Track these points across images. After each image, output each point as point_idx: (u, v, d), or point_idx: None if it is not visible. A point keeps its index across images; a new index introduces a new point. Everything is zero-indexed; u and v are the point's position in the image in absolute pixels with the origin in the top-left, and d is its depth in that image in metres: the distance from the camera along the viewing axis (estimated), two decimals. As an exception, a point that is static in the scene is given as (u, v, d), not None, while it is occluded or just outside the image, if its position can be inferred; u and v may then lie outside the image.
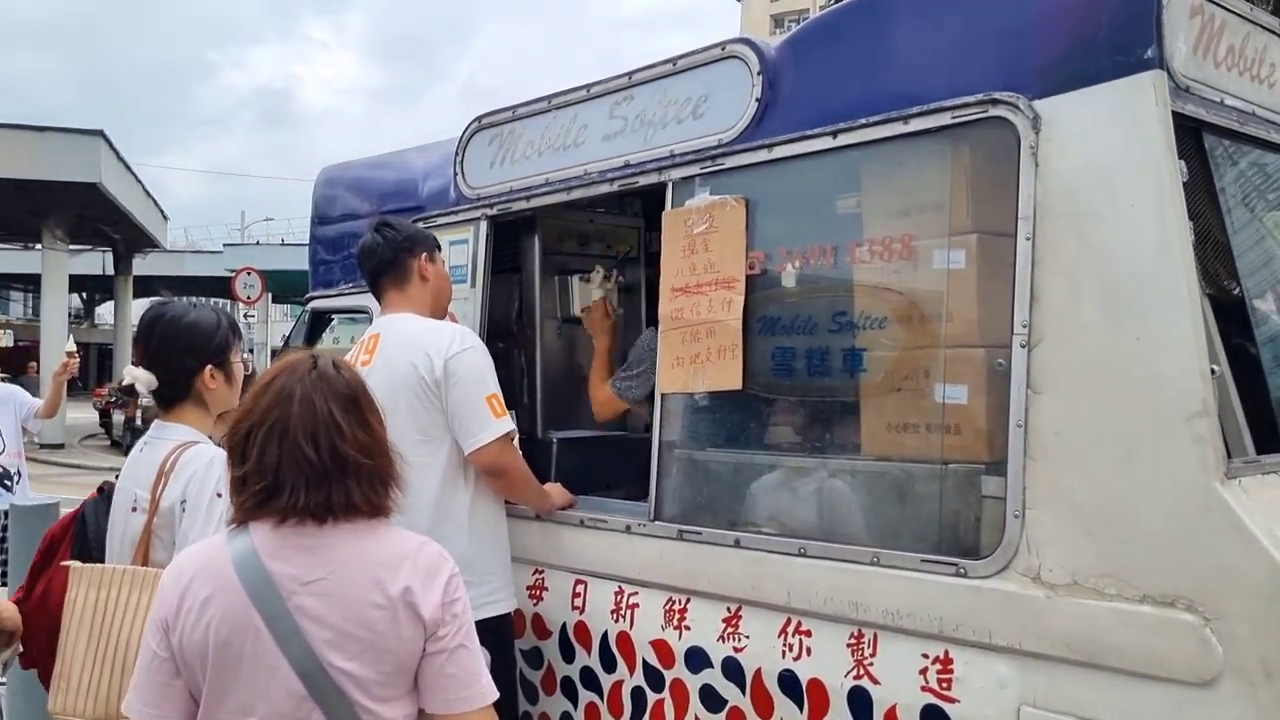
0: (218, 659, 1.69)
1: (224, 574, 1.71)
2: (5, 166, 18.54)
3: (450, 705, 1.77)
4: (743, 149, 2.78)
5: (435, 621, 1.75)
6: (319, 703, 1.68)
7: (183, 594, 1.73)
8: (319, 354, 1.85)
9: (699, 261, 2.85)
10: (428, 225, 3.81)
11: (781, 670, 2.56)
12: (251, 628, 1.68)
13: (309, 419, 1.73)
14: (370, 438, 1.77)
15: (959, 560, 2.26)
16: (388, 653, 1.72)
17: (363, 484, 1.74)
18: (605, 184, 3.17)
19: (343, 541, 1.75)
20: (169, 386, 2.52)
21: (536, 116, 3.42)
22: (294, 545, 1.73)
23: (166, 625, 1.74)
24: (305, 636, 1.68)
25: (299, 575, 1.71)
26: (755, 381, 2.72)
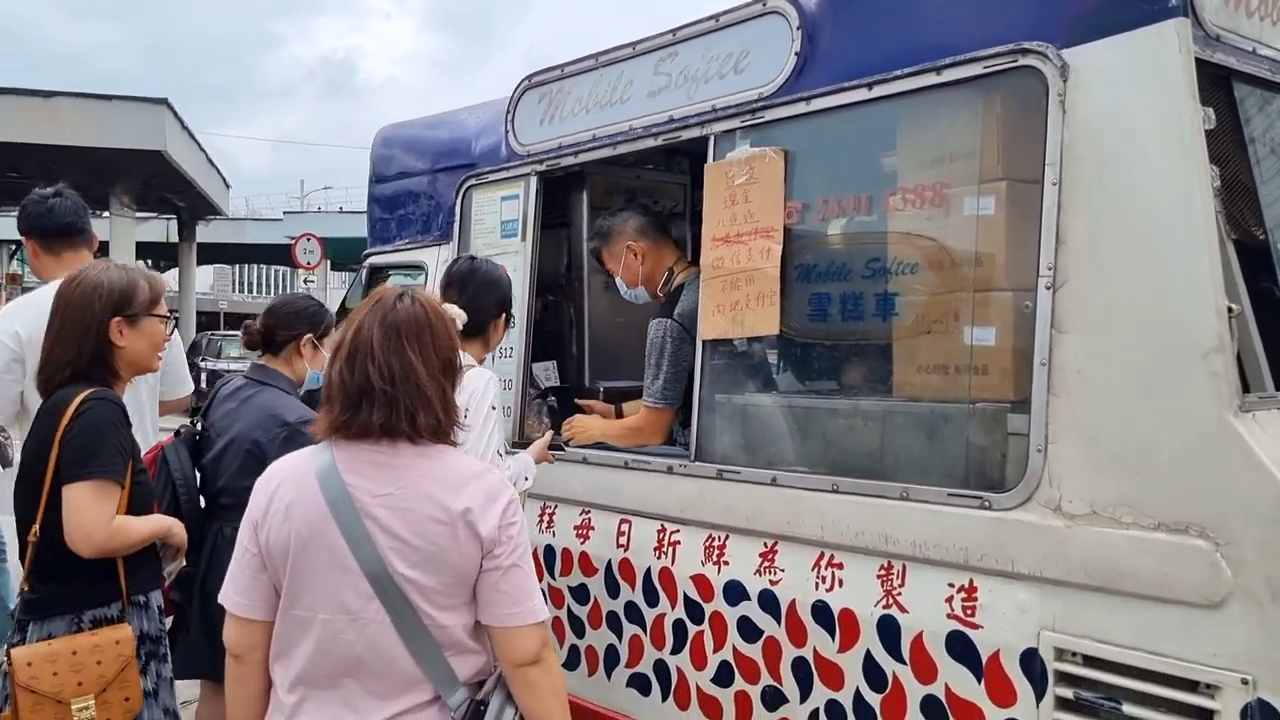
0: (296, 558, 1.87)
1: (307, 483, 1.89)
2: (74, 134, 19.02)
3: (502, 619, 1.92)
4: (782, 102, 2.87)
5: (492, 540, 1.89)
6: (385, 604, 1.85)
7: (270, 498, 1.92)
8: (404, 289, 2.01)
9: (739, 212, 2.96)
10: (479, 181, 3.96)
11: (815, 601, 2.68)
12: (328, 532, 1.86)
13: (356, 344, 1.90)
14: (401, 365, 1.89)
15: (984, 494, 2.36)
16: (447, 565, 1.87)
17: (384, 407, 1.87)
18: (650, 139, 3.28)
19: (411, 462, 1.90)
20: (471, 324, 2.94)
21: (584, 74, 3.53)
22: (367, 461, 1.89)
23: (256, 524, 1.93)
24: (374, 543, 1.84)
25: (371, 489, 1.87)
26: (791, 326, 2.83)
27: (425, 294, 2.01)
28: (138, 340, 2.61)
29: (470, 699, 1.93)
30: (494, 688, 1.96)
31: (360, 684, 1.88)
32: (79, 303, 2.54)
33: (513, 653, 1.91)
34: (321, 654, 1.88)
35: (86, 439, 2.41)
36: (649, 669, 3.15)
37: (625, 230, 3.53)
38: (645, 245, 3.51)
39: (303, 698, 1.90)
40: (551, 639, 1.97)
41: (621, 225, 3.55)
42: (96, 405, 2.46)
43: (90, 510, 2.39)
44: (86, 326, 2.52)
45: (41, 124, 18.85)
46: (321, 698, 1.89)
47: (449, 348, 1.97)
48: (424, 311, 1.95)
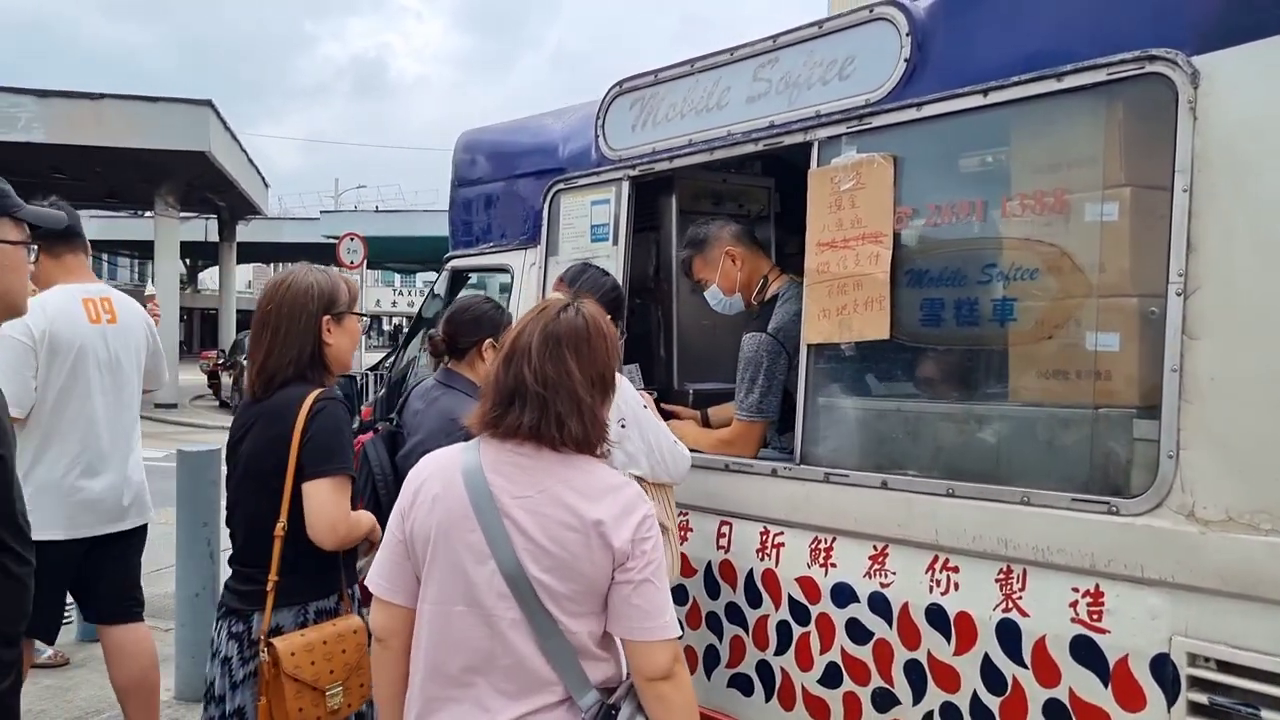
0: (436, 549, 1.94)
1: (453, 477, 1.96)
2: (120, 136, 19.28)
3: (632, 633, 1.94)
4: (891, 108, 2.88)
5: (624, 553, 1.91)
6: (519, 602, 1.90)
7: (418, 489, 1.99)
8: (573, 299, 2.06)
9: (845, 217, 2.98)
10: (568, 185, 4.00)
11: (929, 604, 2.70)
12: (468, 527, 1.92)
13: (515, 347, 1.97)
14: (557, 373, 1.94)
15: (1111, 499, 2.37)
16: (578, 572, 1.90)
17: (534, 409, 1.93)
18: (749, 144, 3.31)
19: (551, 467, 1.94)
20: None
21: (679, 80, 3.56)
22: (509, 462, 1.95)
23: (403, 513, 2.01)
24: (511, 543, 1.89)
25: (511, 489, 1.92)
26: (902, 331, 2.85)
27: (593, 307, 2.06)
28: (343, 337, 2.76)
29: (601, 702, 1.95)
30: (625, 695, 1.99)
31: (490, 682, 1.93)
32: (294, 304, 2.69)
33: (645, 666, 1.92)
34: (455, 647, 1.93)
35: (325, 438, 2.57)
36: (751, 669, 3.19)
37: (723, 236, 3.57)
38: (743, 251, 3.55)
39: (435, 693, 1.96)
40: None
41: (718, 232, 3.58)
42: (330, 405, 2.62)
43: (334, 505, 2.55)
44: (305, 326, 2.68)
45: (89, 125, 19.14)
46: (453, 694, 1.94)
47: (605, 363, 2.01)
48: (585, 324, 2.00)
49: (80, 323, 3.70)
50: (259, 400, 2.69)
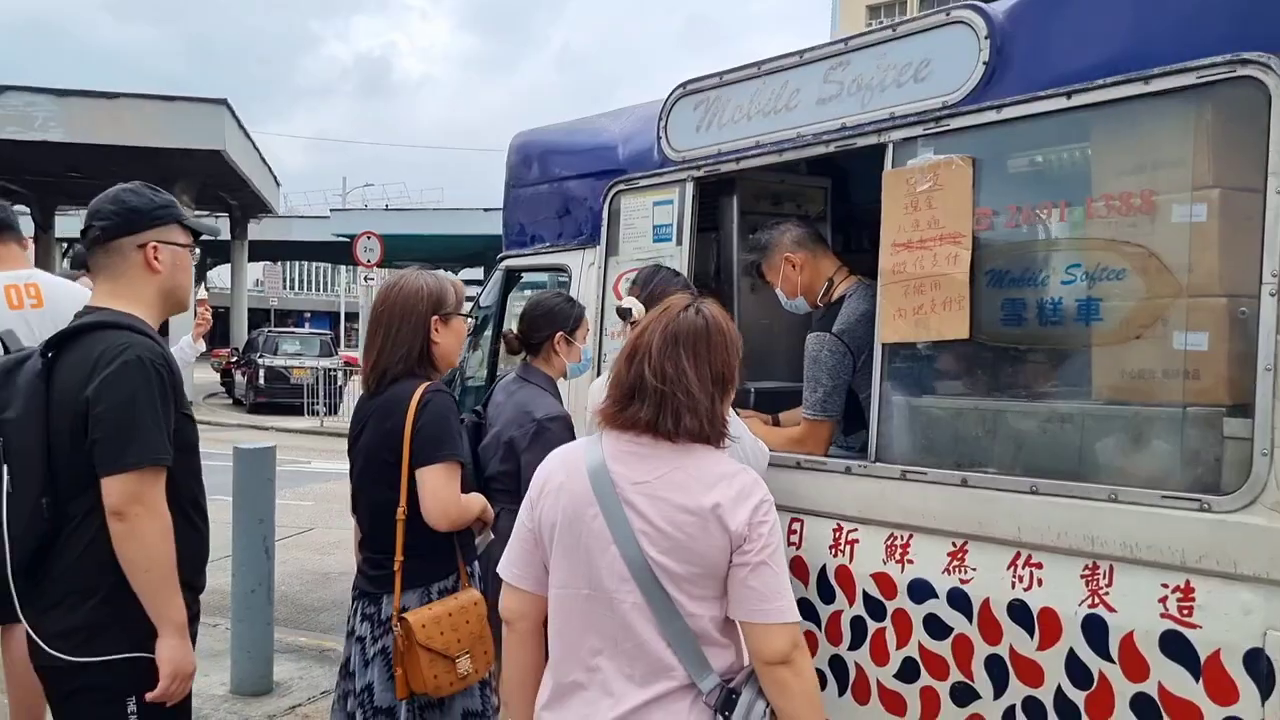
0: (562, 535, 2.02)
1: (577, 467, 2.04)
2: (136, 135, 19.38)
3: (750, 615, 1.98)
4: (970, 110, 2.92)
5: (741, 536, 1.96)
6: (640, 586, 1.96)
7: (545, 479, 2.08)
8: (696, 300, 2.12)
9: (922, 218, 3.01)
10: (629, 186, 4.04)
11: (1011, 600, 2.74)
12: (590, 513, 1.99)
13: (637, 345, 2.04)
14: (675, 371, 2.00)
15: (1202, 496, 2.40)
16: (696, 554, 1.95)
17: (653, 405, 2.00)
18: (820, 145, 3.35)
19: (668, 456, 2.01)
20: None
21: (745, 82, 3.60)
22: (629, 451, 2.03)
23: (533, 502, 2.09)
24: (631, 527, 1.96)
25: (630, 475, 2.00)
26: (982, 330, 2.89)
27: (714, 308, 2.11)
28: (450, 336, 2.92)
29: (721, 686, 1.99)
30: (745, 681, 2.02)
31: (616, 666, 1.98)
32: (404, 305, 2.85)
33: (763, 650, 1.96)
34: (582, 631, 2.00)
35: (436, 427, 2.74)
36: (824, 664, 3.22)
37: (782, 242, 3.61)
38: (803, 256, 3.58)
39: (564, 677, 2.03)
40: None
41: (779, 237, 3.62)
42: (438, 397, 2.79)
43: (445, 489, 2.73)
44: (415, 325, 2.84)
45: (106, 125, 19.27)
46: (580, 678, 2.00)
47: (724, 361, 2.06)
48: (705, 324, 2.05)
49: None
50: (373, 396, 2.86)
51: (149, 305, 2.52)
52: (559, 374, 3.51)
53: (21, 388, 2.34)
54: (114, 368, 2.30)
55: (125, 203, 2.49)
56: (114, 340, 2.35)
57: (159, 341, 2.44)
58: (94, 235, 2.48)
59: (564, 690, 2.03)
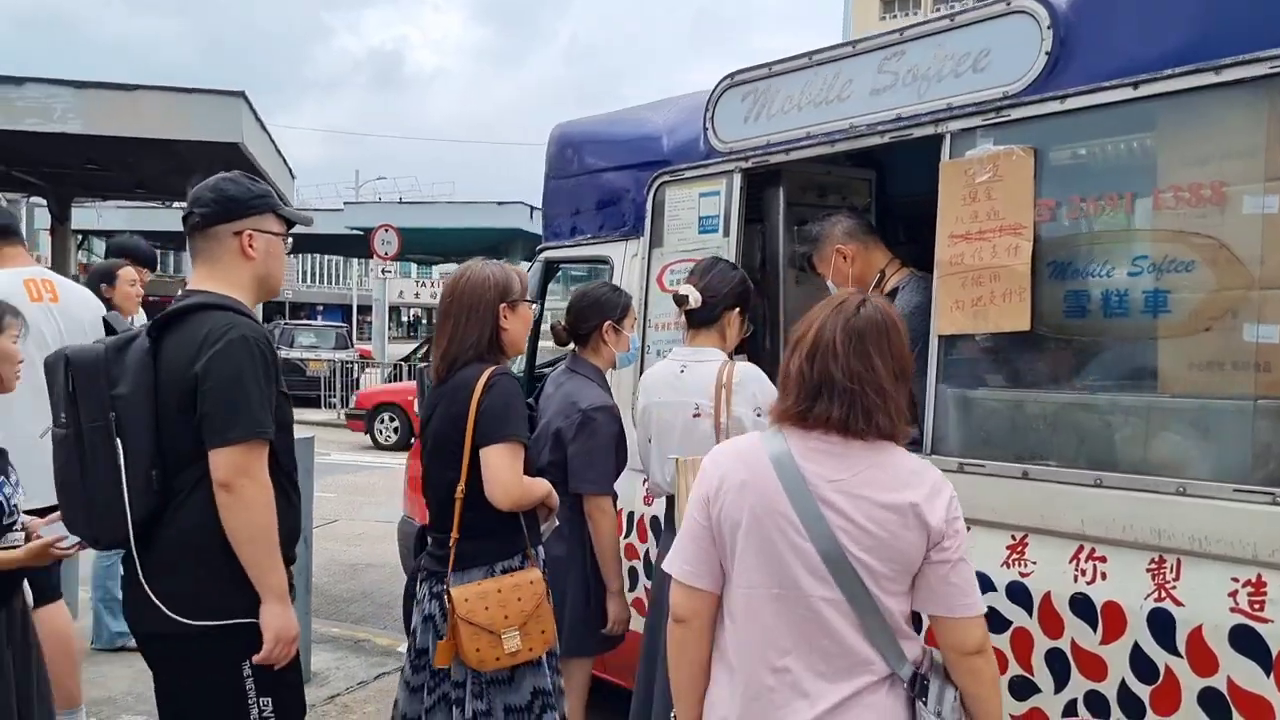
0: (749, 534, 1.98)
1: (759, 465, 2.00)
2: (155, 127, 19.31)
3: (952, 610, 1.98)
4: (1031, 100, 2.90)
5: (940, 533, 1.96)
6: (838, 583, 1.94)
7: (723, 476, 2.03)
8: (863, 294, 2.10)
9: (981, 209, 2.99)
10: (674, 177, 4.03)
11: (1073, 593, 2.72)
12: (782, 511, 1.96)
13: (818, 342, 2.00)
14: (864, 368, 1.97)
15: (1275, 489, 2.39)
16: (897, 551, 1.95)
17: (843, 403, 1.96)
18: (874, 136, 3.33)
19: (860, 454, 1.99)
20: (707, 311, 3.21)
21: (795, 73, 3.58)
22: (819, 450, 1.99)
23: (708, 500, 2.04)
24: (828, 525, 1.94)
25: (824, 474, 1.96)
26: (1043, 322, 2.87)
27: (882, 300, 2.10)
28: (517, 323, 2.94)
29: (915, 673, 2.00)
30: (931, 668, 2.04)
31: (807, 664, 1.96)
32: (473, 293, 2.88)
33: (963, 642, 1.98)
34: (770, 631, 1.98)
35: (500, 407, 2.77)
36: (877, 658, 3.21)
37: (833, 234, 3.59)
38: (855, 247, 3.57)
39: (751, 679, 1.99)
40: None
41: (830, 229, 3.61)
42: (503, 379, 2.82)
43: (508, 468, 2.76)
44: (483, 313, 2.87)
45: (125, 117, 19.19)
46: (769, 681, 1.97)
47: (904, 355, 2.04)
48: (884, 318, 2.03)
49: (22, 304, 3.81)
50: (443, 383, 2.90)
51: (244, 289, 2.61)
52: (608, 364, 3.51)
53: (131, 365, 2.43)
54: (221, 345, 2.40)
55: (224, 191, 2.57)
56: (219, 320, 2.45)
57: (259, 322, 2.53)
58: (193, 221, 2.58)
59: (752, 695, 2.00)
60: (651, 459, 3.31)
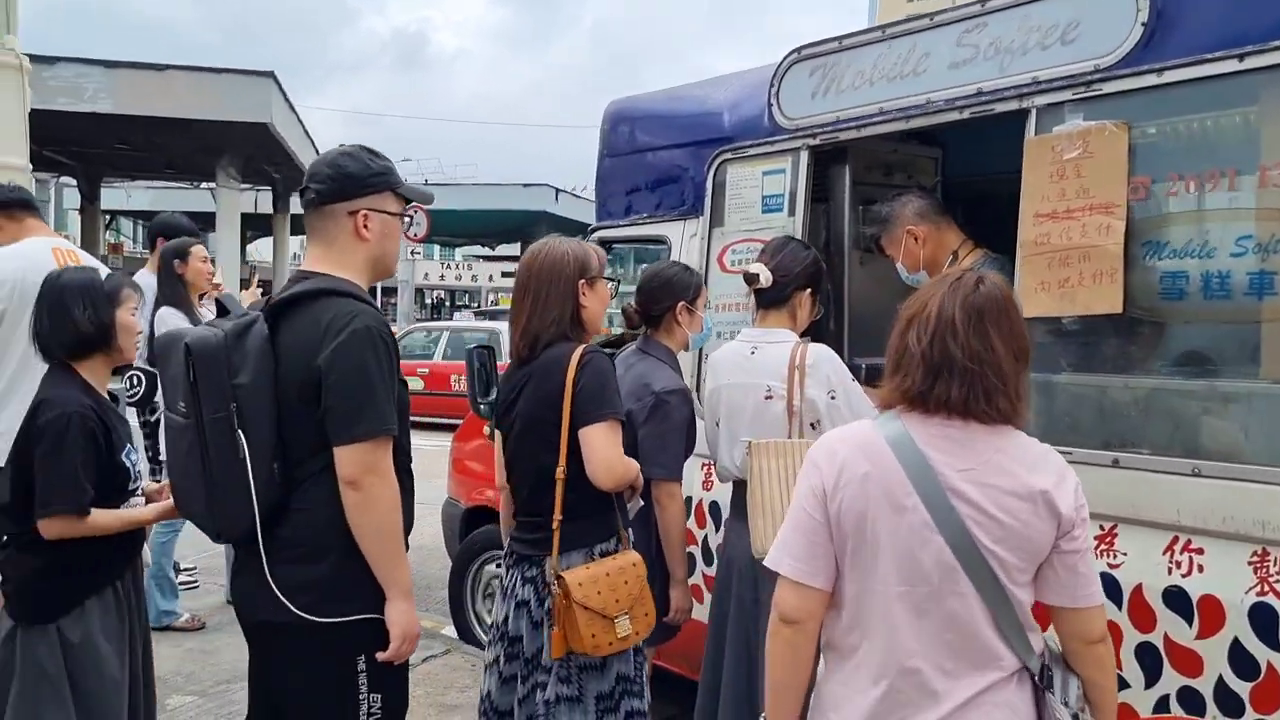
0: (874, 528, 1.88)
1: (881, 454, 1.89)
2: (185, 107, 19.38)
3: (1077, 600, 1.92)
4: (1125, 74, 2.79)
5: (1070, 521, 1.88)
6: (970, 576, 1.85)
7: (840, 468, 1.91)
8: (979, 271, 2.01)
9: (1069, 187, 2.88)
10: (736, 155, 3.93)
11: (1167, 586, 2.63)
12: (909, 504, 1.86)
13: (935, 320, 1.90)
14: (984, 347, 1.88)
15: (1393, 481, 2.28)
16: (1027, 540, 1.87)
17: (963, 385, 1.87)
18: (953, 112, 3.22)
19: (984, 439, 1.89)
20: (778, 290, 3.13)
21: (868, 46, 3.48)
22: (941, 435, 1.89)
23: (823, 494, 1.92)
24: (959, 516, 1.85)
25: (951, 462, 1.87)
26: (1135, 304, 2.76)
27: (1000, 278, 2.00)
28: (595, 300, 2.88)
29: (1042, 664, 1.95)
30: (1051, 659, 1.97)
31: (933, 663, 1.87)
32: (551, 269, 2.82)
33: (1088, 631, 1.93)
34: (897, 629, 1.89)
35: (595, 387, 2.72)
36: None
37: (904, 214, 3.49)
38: (926, 229, 3.47)
39: (872, 684, 1.91)
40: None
41: (900, 209, 3.51)
42: (596, 357, 2.77)
43: (610, 446, 2.72)
44: (564, 290, 2.81)
45: (155, 97, 19.24)
46: (898, 683, 1.89)
47: (1023, 333, 1.95)
48: (1002, 295, 1.94)
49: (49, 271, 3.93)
50: (526, 362, 2.82)
51: (359, 270, 2.51)
52: (680, 346, 3.42)
53: (252, 352, 2.33)
54: (345, 336, 2.31)
55: (341, 168, 2.47)
56: (341, 308, 2.35)
57: (377, 307, 2.45)
58: (309, 198, 2.49)
59: (878, 696, 1.90)
60: (720, 442, 3.23)
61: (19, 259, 4.01)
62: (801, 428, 3.01)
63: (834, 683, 1.98)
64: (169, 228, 5.50)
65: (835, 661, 1.99)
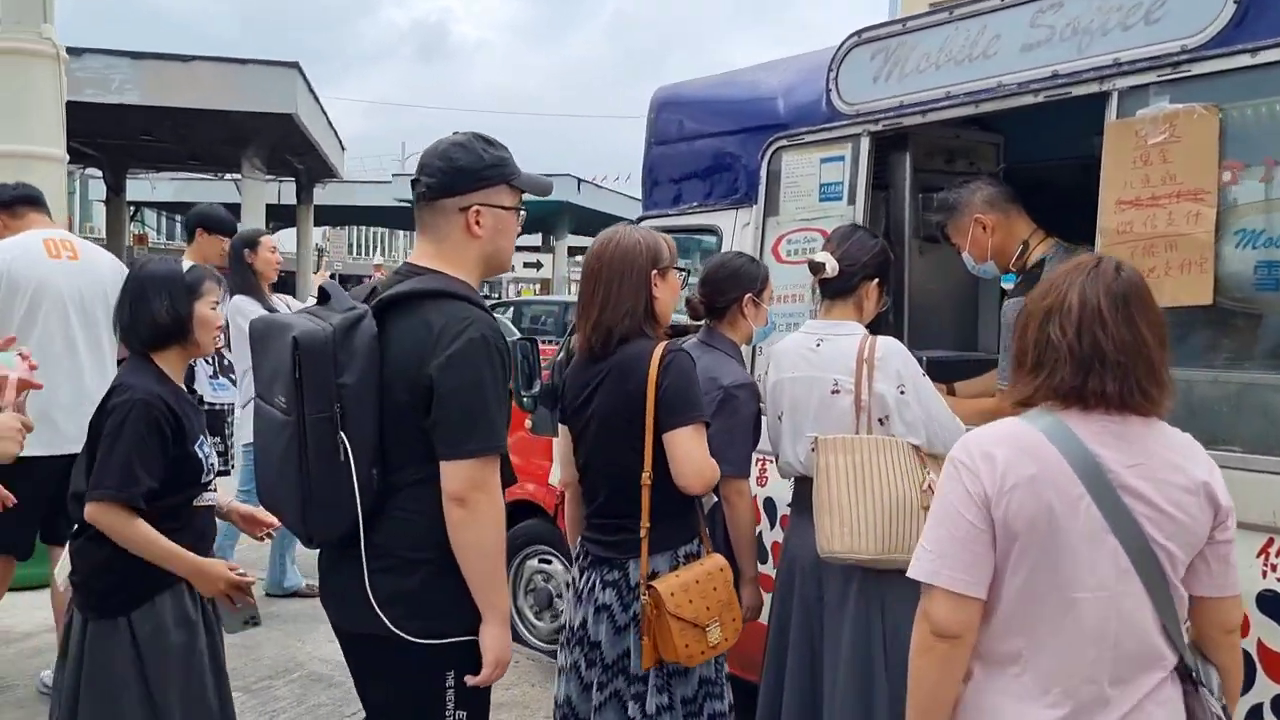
0: (1050, 533, 1.79)
1: (1047, 455, 1.80)
2: (211, 98, 19.39)
3: (1225, 589, 1.88)
4: (1216, 54, 2.66)
5: (1226, 511, 1.84)
6: (1140, 575, 1.78)
7: (1005, 471, 1.81)
8: (1105, 256, 1.93)
9: (1155, 173, 2.77)
10: (792, 141, 3.82)
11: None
12: (1083, 505, 1.78)
13: (1079, 310, 1.82)
14: (1133, 337, 1.81)
15: None
16: (1192, 534, 1.81)
17: (1116, 377, 1.79)
18: (1026, 95, 3.10)
19: (1142, 431, 1.83)
20: (844, 281, 3.02)
21: (934, 29, 3.36)
22: (1103, 431, 1.82)
23: (985, 500, 1.82)
24: (1132, 514, 1.78)
25: (1119, 459, 1.80)
26: (1228, 295, 2.64)
27: (1129, 263, 1.93)
28: (667, 291, 2.79)
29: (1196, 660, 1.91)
30: (1188, 650, 1.91)
31: (1109, 671, 1.80)
32: (624, 259, 2.72)
33: (1228, 620, 1.91)
34: (1074, 637, 1.81)
35: (682, 388, 2.65)
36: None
37: (973, 202, 3.37)
38: (995, 218, 3.35)
39: (1041, 691, 1.83)
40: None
41: (969, 197, 3.38)
42: (678, 357, 2.69)
43: (698, 449, 2.66)
44: (636, 280, 2.71)
45: (181, 88, 19.26)
46: (1078, 693, 1.81)
47: (1163, 320, 1.88)
48: (1141, 281, 1.88)
49: (39, 259, 4.08)
50: (600, 357, 2.72)
51: (470, 268, 2.38)
52: (745, 339, 3.32)
53: (359, 351, 2.20)
54: (460, 345, 2.18)
55: (453, 160, 2.33)
56: (455, 313, 2.23)
57: (490, 312, 2.33)
58: (419, 191, 2.36)
59: (1055, 708, 1.82)
60: (783, 437, 3.13)
61: (8, 249, 4.07)
62: (869, 423, 2.91)
63: (992, 693, 1.88)
64: (210, 220, 5.45)
65: (988, 670, 1.89)
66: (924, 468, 2.87)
